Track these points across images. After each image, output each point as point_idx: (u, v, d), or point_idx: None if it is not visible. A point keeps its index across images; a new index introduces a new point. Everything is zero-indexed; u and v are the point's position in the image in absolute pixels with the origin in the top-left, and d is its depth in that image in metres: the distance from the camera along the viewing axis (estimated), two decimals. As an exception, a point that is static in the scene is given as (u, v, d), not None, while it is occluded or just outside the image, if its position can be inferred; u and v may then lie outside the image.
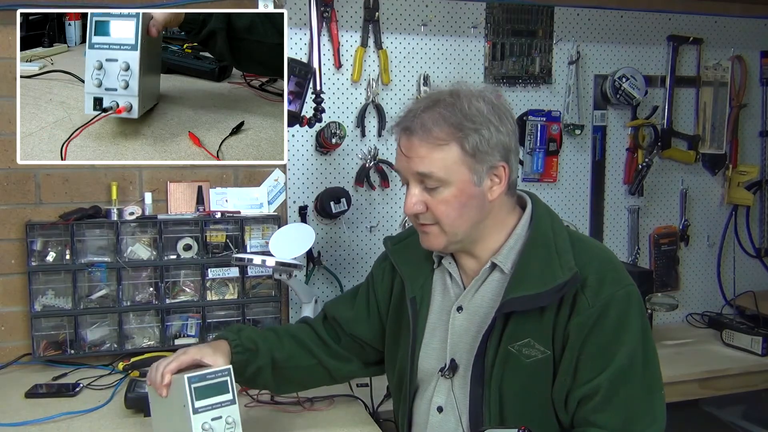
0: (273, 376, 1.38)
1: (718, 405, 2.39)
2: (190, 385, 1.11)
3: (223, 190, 2.04)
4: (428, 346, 1.30)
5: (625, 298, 1.16)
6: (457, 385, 1.25)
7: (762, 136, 2.60)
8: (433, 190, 1.17)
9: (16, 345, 1.92)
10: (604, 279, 1.16)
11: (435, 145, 1.14)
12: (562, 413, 1.18)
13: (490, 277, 1.24)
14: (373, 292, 1.44)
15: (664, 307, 2.24)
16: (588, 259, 1.18)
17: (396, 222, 2.20)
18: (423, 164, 1.16)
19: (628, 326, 1.15)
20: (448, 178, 1.15)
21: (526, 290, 1.15)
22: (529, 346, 1.17)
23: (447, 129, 1.14)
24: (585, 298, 1.15)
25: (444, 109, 1.15)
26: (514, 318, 1.17)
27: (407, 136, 1.17)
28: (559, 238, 1.21)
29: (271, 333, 1.42)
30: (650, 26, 2.43)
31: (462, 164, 1.15)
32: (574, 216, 2.41)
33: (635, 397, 1.13)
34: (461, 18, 2.22)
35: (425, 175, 1.16)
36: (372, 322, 1.43)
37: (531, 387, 1.18)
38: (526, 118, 2.30)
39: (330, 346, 1.42)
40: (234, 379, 1.19)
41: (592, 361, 1.14)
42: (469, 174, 1.16)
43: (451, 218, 1.18)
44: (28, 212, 1.91)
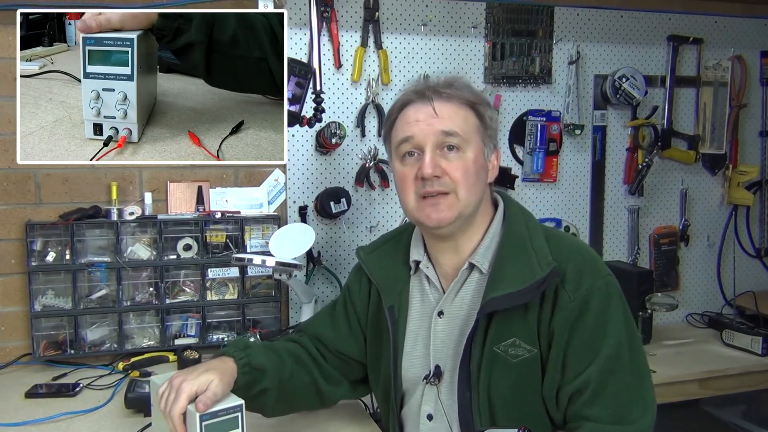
0: (276, 397, 1.31)
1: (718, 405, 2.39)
2: (201, 423, 1.11)
3: (223, 190, 2.04)
4: (411, 355, 1.29)
5: (604, 288, 1.16)
6: (444, 392, 1.25)
7: (762, 136, 2.60)
8: (452, 152, 1.18)
9: (16, 345, 1.92)
10: (582, 272, 1.16)
11: (460, 105, 1.20)
12: (554, 411, 1.18)
13: (469, 278, 1.24)
14: (351, 306, 1.41)
15: (664, 307, 2.24)
16: (565, 253, 1.19)
17: (396, 222, 2.20)
18: (449, 122, 1.18)
19: (611, 317, 1.15)
20: (470, 139, 1.19)
21: (506, 288, 1.15)
22: (515, 346, 1.17)
23: (470, 95, 1.21)
24: (566, 292, 1.15)
25: (459, 81, 1.23)
26: (497, 318, 1.17)
27: (425, 102, 1.20)
28: (534, 235, 1.21)
29: (271, 350, 1.34)
30: (650, 26, 2.43)
31: (478, 132, 1.21)
32: (574, 216, 2.41)
33: (625, 387, 1.13)
34: (461, 18, 2.22)
35: (449, 134, 1.18)
36: (356, 337, 1.40)
37: (520, 387, 1.18)
38: (526, 118, 2.30)
39: (321, 365, 1.38)
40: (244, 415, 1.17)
41: (579, 355, 1.14)
42: (482, 145, 1.22)
43: (468, 183, 1.18)
44: (28, 212, 1.91)
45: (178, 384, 1.13)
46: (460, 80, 1.24)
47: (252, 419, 1.47)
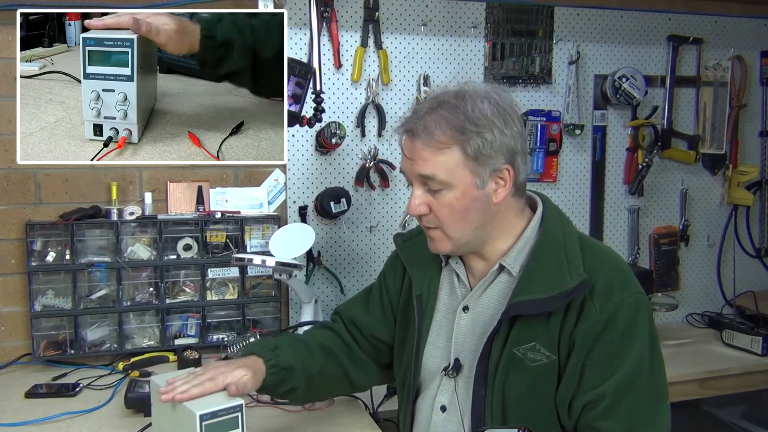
0: (305, 392, 1.36)
1: (718, 405, 2.39)
2: (201, 423, 1.11)
3: (223, 190, 2.04)
4: (433, 345, 1.30)
5: (634, 305, 1.14)
6: (461, 385, 1.25)
7: (762, 136, 2.60)
8: (436, 193, 1.17)
9: (16, 345, 1.92)
10: (613, 285, 1.15)
11: (437, 148, 1.14)
12: (566, 419, 1.17)
13: (497, 279, 1.24)
14: (386, 291, 1.44)
15: (664, 307, 2.25)
16: (597, 264, 1.17)
17: (396, 222, 2.20)
18: (426, 167, 1.15)
19: (637, 334, 1.13)
20: (450, 181, 1.15)
21: (534, 294, 1.14)
22: (535, 350, 1.16)
23: (449, 132, 1.13)
24: (593, 304, 1.14)
25: (447, 111, 1.14)
26: (520, 321, 1.17)
27: (410, 138, 1.17)
28: (568, 242, 1.19)
29: (301, 345, 1.37)
30: (650, 26, 2.42)
31: (464, 167, 1.14)
32: (574, 216, 2.41)
33: (640, 406, 1.12)
34: (461, 18, 2.22)
35: (428, 178, 1.16)
36: (388, 322, 1.43)
37: (534, 391, 1.17)
38: (526, 118, 2.30)
39: (353, 351, 1.42)
40: (245, 416, 1.17)
41: (599, 368, 1.13)
42: (472, 177, 1.15)
43: (453, 221, 1.18)
44: (28, 212, 1.91)
45: (213, 373, 1.17)
46: (450, 103, 1.15)
47: (252, 419, 1.48)
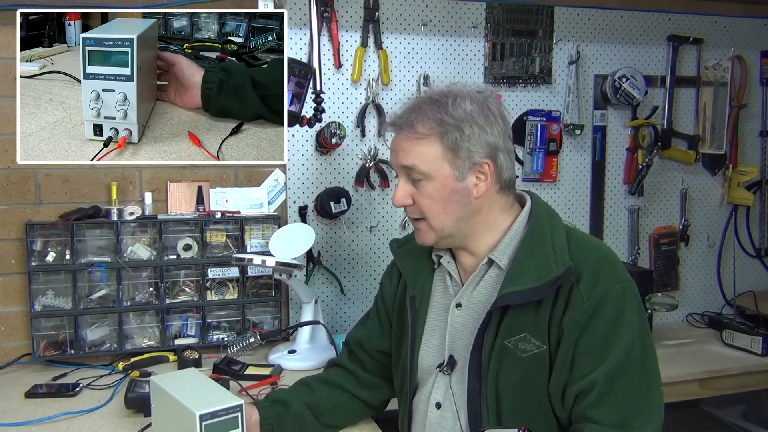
0: (317, 421, 1.39)
1: (718, 405, 2.39)
2: (201, 423, 1.11)
3: (223, 190, 2.04)
4: (428, 344, 1.32)
5: (621, 293, 1.16)
6: (455, 381, 1.27)
7: (762, 136, 2.60)
8: (418, 183, 1.23)
9: (16, 345, 1.92)
10: (599, 274, 1.17)
11: (416, 139, 1.20)
12: (559, 409, 1.18)
13: (487, 273, 1.26)
14: (382, 302, 1.47)
15: (664, 307, 2.24)
16: (584, 254, 1.20)
17: (396, 222, 2.20)
18: (407, 157, 1.22)
19: (624, 321, 1.15)
20: (429, 172, 1.20)
21: (521, 284, 1.17)
22: (525, 341, 1.18)
23: (428, 124, 1.20)
24: (580, 292, 1.15)
25: (429, 105, 1.21)
26: (510, 312, 1.19)
27: (395, 131, 1.25)
28: (555, 235, 1.22)
29: (300, 385, 1.45)
30: (650, 26, 2.42)
31: (443, 159, 1.20)
32: (574, 216, 2.41)
33: (632, 393, 1.14)
34: (461, 18, 2.22)
35: (409, 168, 1.22)
36: (385, 331, 1.45)
37: (527, 382, 1.19)
38: (526, 118, 2.30)
39: (359, 377, 1.45)
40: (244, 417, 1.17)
41: (588, 356, 1.14)
42: (450, 169, 1.20)
43: (434, 212, 1.23)
44: (28, 212, 1.91)
45: None
46: (433, 99, 1.21)
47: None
